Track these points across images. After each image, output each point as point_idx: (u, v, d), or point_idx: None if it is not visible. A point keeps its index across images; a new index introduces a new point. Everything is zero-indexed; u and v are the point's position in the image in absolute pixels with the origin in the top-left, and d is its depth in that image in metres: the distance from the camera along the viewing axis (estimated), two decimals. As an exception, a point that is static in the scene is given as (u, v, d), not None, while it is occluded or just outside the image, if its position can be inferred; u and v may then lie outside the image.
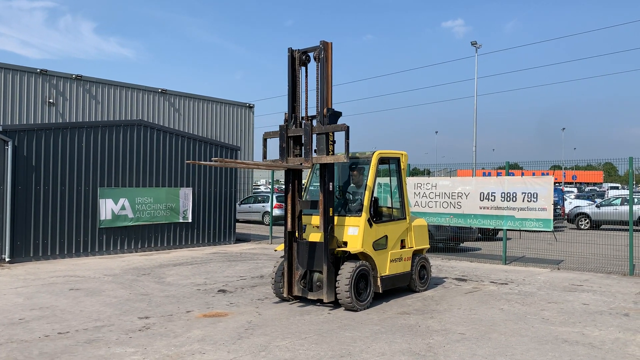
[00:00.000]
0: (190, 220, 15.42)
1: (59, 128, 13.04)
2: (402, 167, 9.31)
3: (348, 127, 7.69)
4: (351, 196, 8.93)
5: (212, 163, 7.86)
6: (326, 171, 7.92)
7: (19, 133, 12.26)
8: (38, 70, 21.20)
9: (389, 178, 9.34)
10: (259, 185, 56.95)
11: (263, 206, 25.55)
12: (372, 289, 8.24)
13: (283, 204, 25.30)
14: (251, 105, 29.46)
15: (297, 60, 8.30)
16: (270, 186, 21.09)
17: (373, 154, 8.67)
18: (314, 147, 8.07)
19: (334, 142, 8.08)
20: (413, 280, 9.30)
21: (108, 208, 13.70)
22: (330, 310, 7.92)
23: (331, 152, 8.03)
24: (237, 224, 18.22)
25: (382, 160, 8.97)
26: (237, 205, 22.66)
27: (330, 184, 7.98)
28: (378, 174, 8.81)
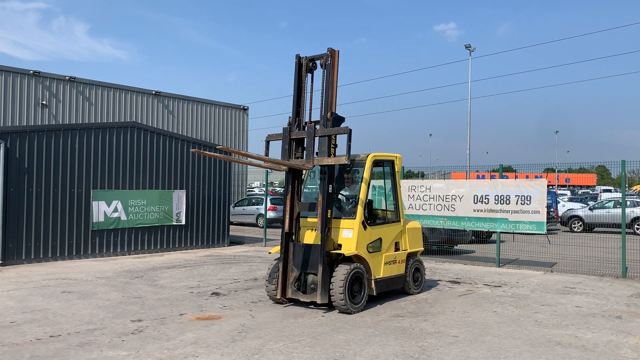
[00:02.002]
0: (183, 223, 15.37)
1: (52, 130, 12.97)
2: (396, 170, 9.32)
3: (350, 129, 7.87)
4: (345, 199, 8.94)
5: (217, 155, 7.94)
6: (327, 173, 7.97)
7: (11, 135, 12.19)
8: (31, 71, 21.08)
9: (383, 181, 9.35)
10: (253, 188, 56.88)
11: (257, 208, 25.51)
12: (366, 292, 8.24)
13: (277, 207, 25.24)
14: (245, 108, 29.42)
15: (304, 67, 8.50)
16: (264, 188, 21.05)
17: (367, 156, 8.68)
18: (316, 149, 8.23)
19: (335, 145, 8.25)
20: (407, 283, 9.30)
21: (101, 210, 13.63)
22: (324, 313, 7.91)
23: (332, 155, 8.13)
24: (231, 226, 18.17)
25: (376, 163, 8.98)
26: (231, 208, 22.60)
27: (330, 186, 8.04)
28: (372, 176, 8.83)
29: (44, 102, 21.28)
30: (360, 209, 8.26)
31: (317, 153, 8.23)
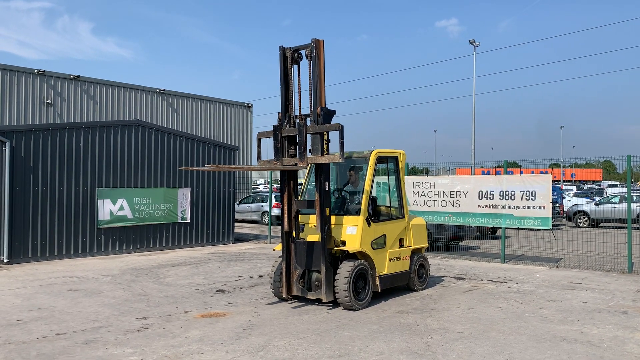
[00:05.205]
0: (188, 220, 15.41)
1: (57, 129, 13.02)
2: (400, 166, 9.30)
3: (342, 126, 7.61)
4: (349, 195, 8.92)
5: (206, 168, 7.85)
6: (321, 171, 7.88)
7: (16, 134, 12.25)
8: (36, 70, 21.15)
9: (387, 177, 9.33)
10: (257, 185, 56.92)
11: (262, 206, 25.54)
12: (371, 288, 8.23)
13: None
14: (249, 105, 29.42)
15: (289, 59, 8.13)
16: (269, 186, 21.08)
17: (371, 153, 8.66)
18: (309, 147, 7.98)
19: (328, 141, 7.99)
20: (412, 279, 9.30)
21: (106, 208, 13.68)
22: (328, 309, 7.92)
23: (326, 152, 7.97)
24: (235, 223, 18.20)
25: (380, 160, 8.96)
26: (236, 205, 22.62)
27: (326, 183, 7.93)
28: (376, 173, 8.80)
29: (48, 101, 21.35)
30: (364, 206, 8.24)
31: (310, 150, 7.99)
